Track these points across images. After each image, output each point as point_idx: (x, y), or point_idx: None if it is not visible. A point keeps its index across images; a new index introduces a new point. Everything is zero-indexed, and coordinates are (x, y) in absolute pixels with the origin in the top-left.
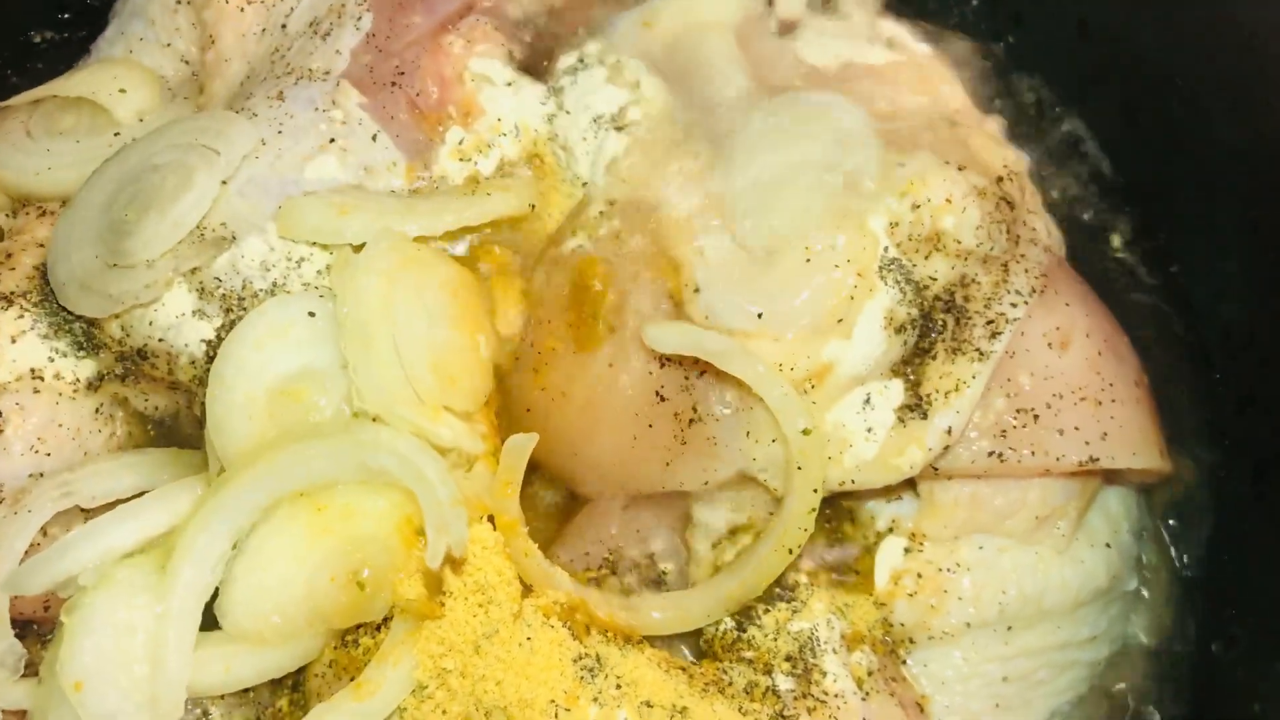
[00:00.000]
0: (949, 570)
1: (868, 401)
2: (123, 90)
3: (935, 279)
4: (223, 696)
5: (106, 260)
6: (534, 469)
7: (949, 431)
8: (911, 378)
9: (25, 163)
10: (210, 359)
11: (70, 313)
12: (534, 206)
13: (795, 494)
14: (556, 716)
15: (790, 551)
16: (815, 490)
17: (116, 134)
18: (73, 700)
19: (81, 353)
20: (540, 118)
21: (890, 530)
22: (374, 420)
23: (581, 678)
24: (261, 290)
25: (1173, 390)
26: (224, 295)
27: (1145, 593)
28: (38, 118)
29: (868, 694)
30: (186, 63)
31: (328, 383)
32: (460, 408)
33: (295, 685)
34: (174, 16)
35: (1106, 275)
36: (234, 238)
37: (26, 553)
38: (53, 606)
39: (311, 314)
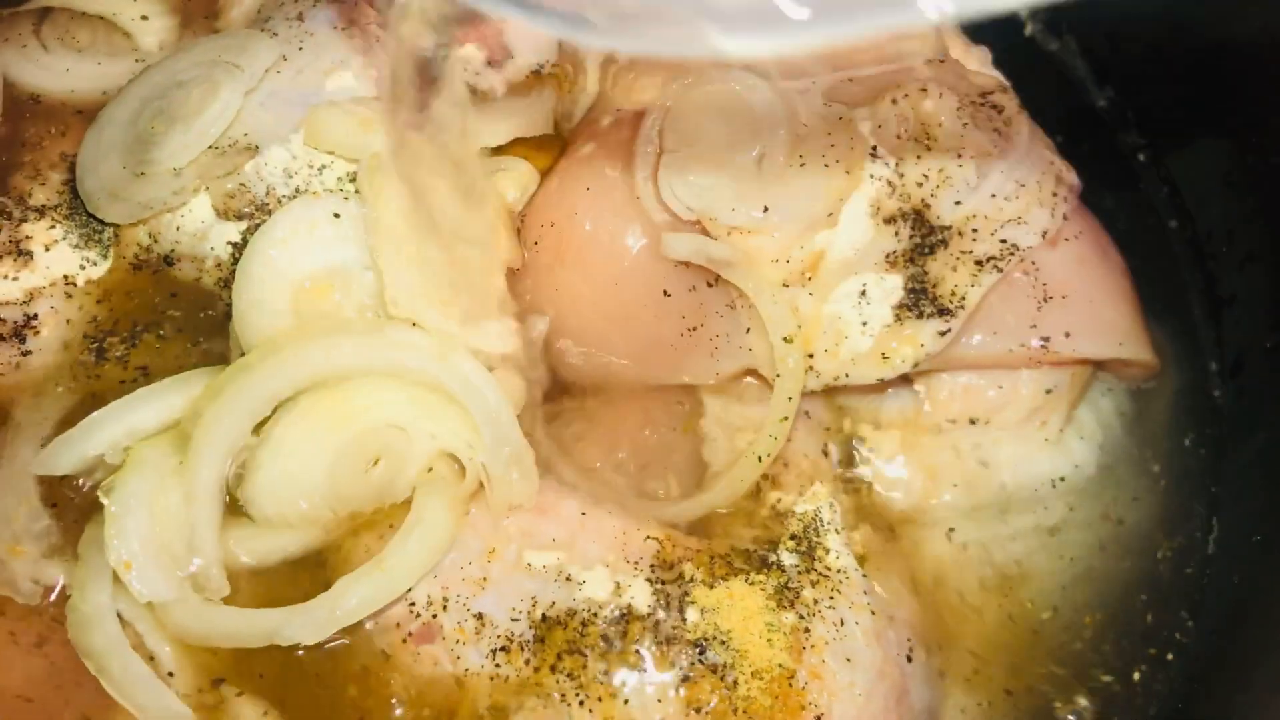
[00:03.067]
0: (945, 460)
1: (864, 294)
2: (145, 17)
3: (928, 177)
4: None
5: (134, 170)
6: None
7: (944, 334)
8: (912, 275)
9: (45, 80)
10: (236, 261)
11: (100, 224)
12: (552, 124)
13: (771, 403)
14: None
15: (760, 459)
16: (790, 399)
17: (138, 60)
18: (125, 579)
19: (110, 262)
20: (552, 36)
21: (888, 423)
22: (412, 325)
23: None
24: (285, 196)
25: (1155, 289)
26: (249, 200)
27: (1134, 482)
28: (50, 27)
29: (868, 571)
30: None
31: (351, 281)
32: (483, 310)
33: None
34: None
35: (1088, 178)
36: (257, 147)
37: None
38: None
39: (336, 215)
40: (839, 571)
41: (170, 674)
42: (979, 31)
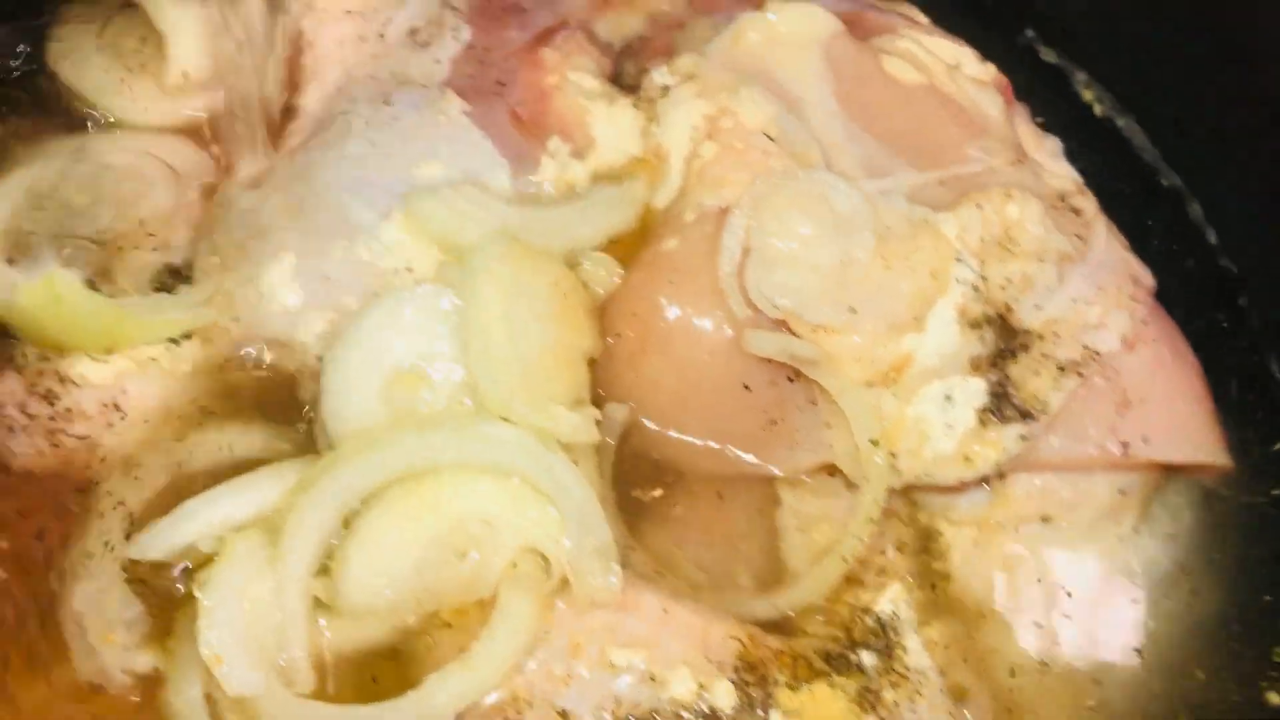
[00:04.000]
0: (1019, 556)
1: (949, 398)
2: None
3: (1011, 281)
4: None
5: None
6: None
7: (1025, 438)
8: (995, 380)
9: (110, 100)
10: (323, 348)
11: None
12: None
13: (857, 504)
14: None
15: (844, 560)
16: (875, 501)
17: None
18: (216, 673)
19: (193, 341)
20: (636, 128)
21: (964, 519)
22: (502, 420)
23: None
24: (373, 283)
25: (1230, 384)
26: (337, 288)
27: (1206, 579)
28: (110, 35)
29: (944, 668)
30: None
31: (441, 373)
32: (568, 401)
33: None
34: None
35: (1158, 263)
36: (347, 235)
37: None
38: None
39: (427, 306)
40: (917, 671)
41: None
42: (1048, 118)
